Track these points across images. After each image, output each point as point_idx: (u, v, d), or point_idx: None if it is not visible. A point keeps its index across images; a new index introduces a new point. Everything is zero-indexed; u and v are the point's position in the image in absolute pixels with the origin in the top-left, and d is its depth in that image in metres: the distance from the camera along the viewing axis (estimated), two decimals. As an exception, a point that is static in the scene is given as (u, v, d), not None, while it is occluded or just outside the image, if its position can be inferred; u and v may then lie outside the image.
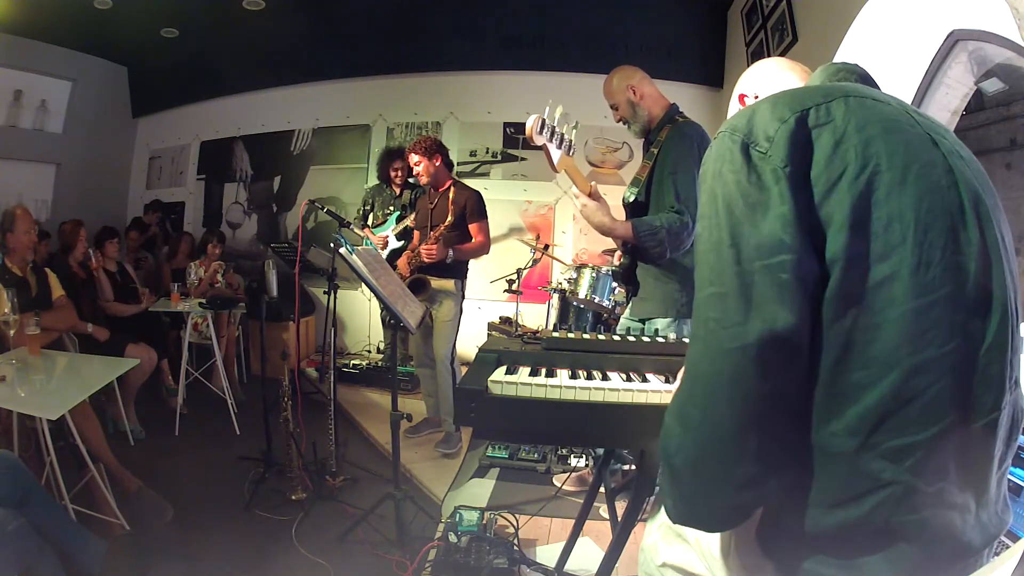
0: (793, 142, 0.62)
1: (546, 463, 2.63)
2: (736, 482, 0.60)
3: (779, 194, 0.60)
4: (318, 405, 3.29)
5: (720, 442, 0.60)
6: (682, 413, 0.64)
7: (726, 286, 0.61)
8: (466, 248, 2.83)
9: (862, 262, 0.59)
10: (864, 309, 0.59)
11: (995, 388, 0.62)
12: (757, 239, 0.60)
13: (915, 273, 0.59)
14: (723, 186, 0.65)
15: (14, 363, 2.02)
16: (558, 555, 1.68)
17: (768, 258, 0.59)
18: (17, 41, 4.27)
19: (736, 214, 0.62)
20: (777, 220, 0.60)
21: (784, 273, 0.58)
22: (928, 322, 0.59)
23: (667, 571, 0.95)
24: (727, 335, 0.59)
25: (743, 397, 0.58)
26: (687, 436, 0.63)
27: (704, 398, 0.61)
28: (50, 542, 1.56)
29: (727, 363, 0.59)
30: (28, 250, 2.58)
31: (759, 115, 0.66)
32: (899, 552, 0.60)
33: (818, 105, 0.65)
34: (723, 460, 0.60)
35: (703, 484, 0.62)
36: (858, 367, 0.59)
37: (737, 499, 0.61)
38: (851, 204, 0.60)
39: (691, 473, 0.63)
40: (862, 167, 0.61)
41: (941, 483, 0.60)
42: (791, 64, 1.01)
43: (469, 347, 3.60)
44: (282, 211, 5.15)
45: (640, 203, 1.95)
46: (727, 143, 0.66)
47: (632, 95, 1.97)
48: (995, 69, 1.96)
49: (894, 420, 0.58)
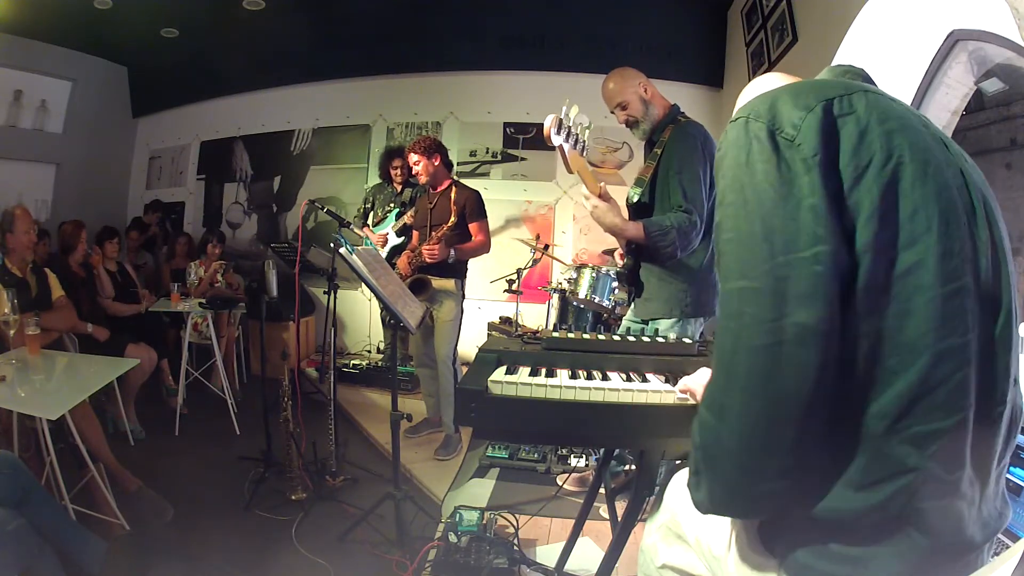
0: (821, 131, 0.62)
1: (546, 463, 2.63)
2: (773, 472, 0.60)
3: (810, 184, 0.60)
4: (318, 405, 3.29)
5: (756, 434, 0.60)
6: (718, 405, 0.64)
7: (759, 280, 0.60)
8: (467, 247, 2.84)
9: (891, 250, 0.60)
10: (894, 296, 0.59)
11: (1002, 381, 0.63)
12: (791, 231, 0.60)
13: (941, 260, 0.59)
14: (751, 175, 0.63)
15: (14, 363, 2.02)
16: (558, 555, 1.68)
17: (803, 250, 0.59)
18: (17, 41, 4.27)
19: (767, 205, 0.61)
20: (810, 212, 0.59)
21: (818, 265, 0.58)
22: (952, 309, 0.60)
23: (667, 572, 0.95)
24: (762, 331, 0.59)
25: (779, 392, 0.58)
26: (723, 427, 0.63)
27: (740, 392, 0.61)
28: (50, 542, 1.56)
29: (762, 359, 0.59)
30: (28, 250, 2.59)
31: (782, 102, 0.65)
32: (908, 544, 0.60)
33: (840, 96, 0.64)
34: (760, 451, 0.60)
35: (742, 474, 0.62)
36: (891, 353, 0.60)
37: (775, 486, 0.61)
38: (879, 193, 0.60)
39: (728, 463, 0.63)
40: (887, 157, 0.61)
41: (959, 472, 0.61)
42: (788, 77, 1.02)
43: (469, 347, 3.60)
44: (282, 211, 5.15)
45: (644, 204, 1.96)
46: (752, 130, 0.65)
47: (644, 92, 1.98)
48: (995, 69, 1.96)
49: (922, 405, 0.59)
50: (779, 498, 0.63)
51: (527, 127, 4.66)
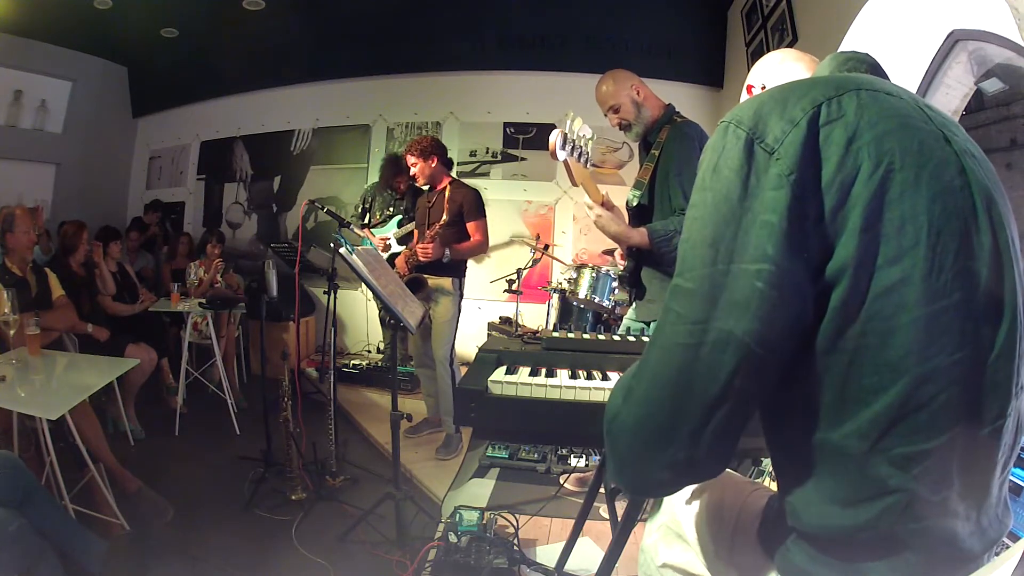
0: (804, 148, 0.59)
1: (546, 463, 2.63)
2: (662, 461, 0.60)
3: (774, 200, 0.58)
4: (318, 405, 3.29)
5: (650, 422, 0.61)
6: (626, 386, 0.65)
7: (694, 283, 0.60)
8: (463, 247, 2.83)
9: (872, 266, 0.57)
10: (875, 314, 0.57)
11: (1002, 395, 0.61)
12: (738, 243, 0.58)
13: (927, 278, 0.57)
14: (716, 181, 0.62)
15: (14, 363, 2.02)
16: (558, 555, 1.68)
17: (747, 263, 0.57)
18: (17, 41, 4.27)
19: (723, 213, 0.60)
20: (764, 228, 0.57)
21: (760, 282, 0.56)
22: (938, 329, 0.57)
23: (667, 571, 0.95)
24: (684, 331, 0.59)
25: (685, 390, 0.58)
26: (625, 408, 0.64)
27: (648, 381, 0.62)
28: (50, 542, 1.56)
29: (677, 357, 0.59)
30: (28, 250, 2.59)
31: (766, 109, 0.63)
32: (902, 560, 0.60)
33: (829, 100, 0.62)
34: (653, 439, 0.61)
35: (633, 455, 0.63)
36: (870, 371, 0.58)
37: (662, 476, 0.62)
38: (864, 206, 0.57)
39: (623, 442, 0.64)
40: (876, 165, 0.58)
41: (946, 492, 0.59)
42: (800, 55, 1.02)
43: (469, 347, 3.61)
44: (282, 211, 5.15)
45: (644, 206, 1.95)
46: (730, 136, 0.63)
47: (636, 95, 1.97)
48: (995, 69, 1.96)
49: (903, 426, 0.57)
50: (666, 486, 0.65)
51: (527, 127, 4.66)
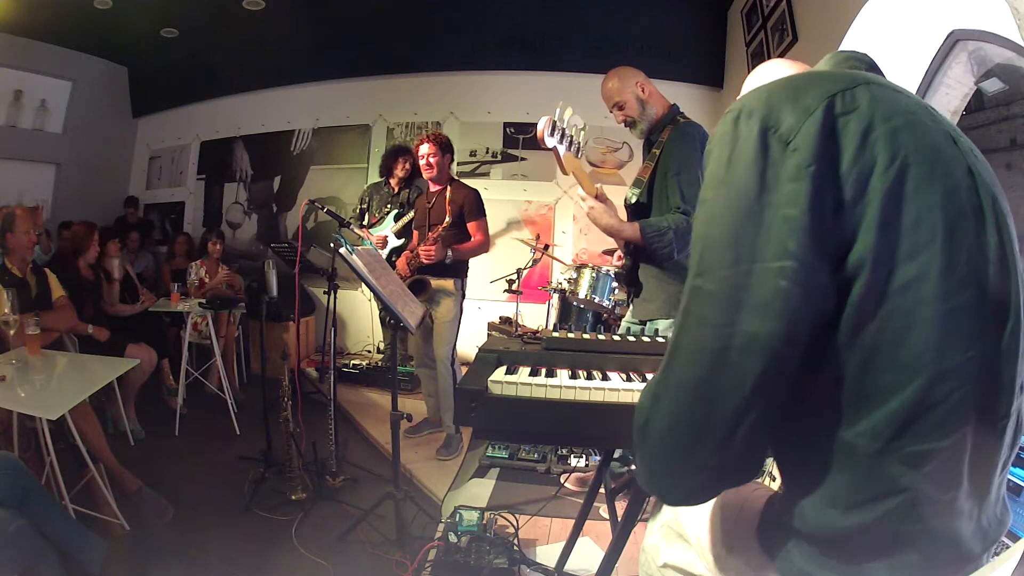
0: (820, 137, 0.57)
1: (546, 463, 2.63)
2: (692, 466, 0.59)
3: (794, 194, 0.55)
4: (318, 405, 3.29)
5: (681, 427, 0.59)
6: (653, 393, 0.64)
7: (715, 284, 0.58)
8: (465, 247, 2.83)
9: (890, 262, 0.56)
10: (892, 311, 0.56)
11: (1007, 394, 0.61)
12: (760, 240, 0.56)
13: (943, 274, 0.56)
14: (730, 175, 0.59)
15: (14, 363, 2.02)
16: (558, 555, 1.68)
17: (769, 262, 0.55)
18: (17, 41, 4.28)
19: (741, 208, 0.58)
20: (785, 222, 0.55)
21: (783, 280, 0.55)
22: (954, 326, 0.56)
23: (668, 571, 0.95)
24: (708, 335, 0.57)
25: (712, 392, 0.57)
26: (653, 417, 0.62)
27: (675, 388, 0.60)
28: (51, 542, 1.56)
29: (702, 362, 0.57)
30: (28, 250, 2.58)
31: (777, 98, 0.60)
32: (903, 560, 0.59)
33: (843, 91, 0.60)
34: (682, 443, 0.59)
35: (664, 460, 0.62)
36: (886, 369, 0.57)
37: (693, 483, 0.61)
38: (881, 199, 0.56)
39: (653, 451, 0.63)
40: (892, 158, 0.56)
41: (954, 492, 0.59)
42: (793, 64, 1.01)
43: (469, 347, 3.60)
44: (282, 211, 5.15)
45: (642, 204, 1.95)
46: (742, 126, 0.60)
47: (641, 92, 1.98)
48: (995, 69, 1.96)
49: (918, 425, 0.57)
50: (700, 493, 0.63)
51: (527, 127, 4.66)
